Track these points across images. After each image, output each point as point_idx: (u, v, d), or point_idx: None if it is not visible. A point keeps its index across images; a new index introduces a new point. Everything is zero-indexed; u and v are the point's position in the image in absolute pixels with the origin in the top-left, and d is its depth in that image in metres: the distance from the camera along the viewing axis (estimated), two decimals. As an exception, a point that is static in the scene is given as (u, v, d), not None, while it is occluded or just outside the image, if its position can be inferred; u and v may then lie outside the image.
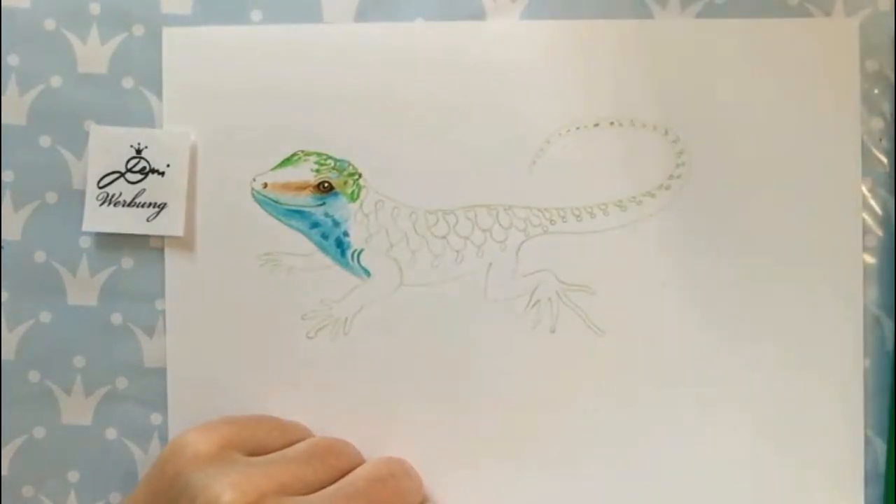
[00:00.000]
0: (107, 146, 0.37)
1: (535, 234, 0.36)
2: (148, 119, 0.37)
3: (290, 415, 0.36)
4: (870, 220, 0.35)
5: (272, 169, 0.37)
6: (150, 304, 0.37)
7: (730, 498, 0.35)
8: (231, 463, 0.30)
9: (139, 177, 0.37)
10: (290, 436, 0.34)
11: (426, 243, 0.36)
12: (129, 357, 0.37)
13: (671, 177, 0.36)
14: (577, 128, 0.36)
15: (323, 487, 0.31)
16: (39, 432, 0.38)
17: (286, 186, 0.36)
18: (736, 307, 0.35)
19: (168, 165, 0.37)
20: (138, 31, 0.37)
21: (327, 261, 0.36)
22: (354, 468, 0.33)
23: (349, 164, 0.36)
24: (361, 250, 0.36)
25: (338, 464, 0.32)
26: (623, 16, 0.36)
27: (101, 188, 0.37)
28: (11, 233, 0.38)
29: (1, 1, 0.37)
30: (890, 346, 0.35)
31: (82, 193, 0.37)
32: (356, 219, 0.36)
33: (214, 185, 0.37)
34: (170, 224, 0.37)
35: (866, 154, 0.35)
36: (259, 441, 0.33)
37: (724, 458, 0.35)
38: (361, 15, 0.37)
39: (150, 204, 0.37)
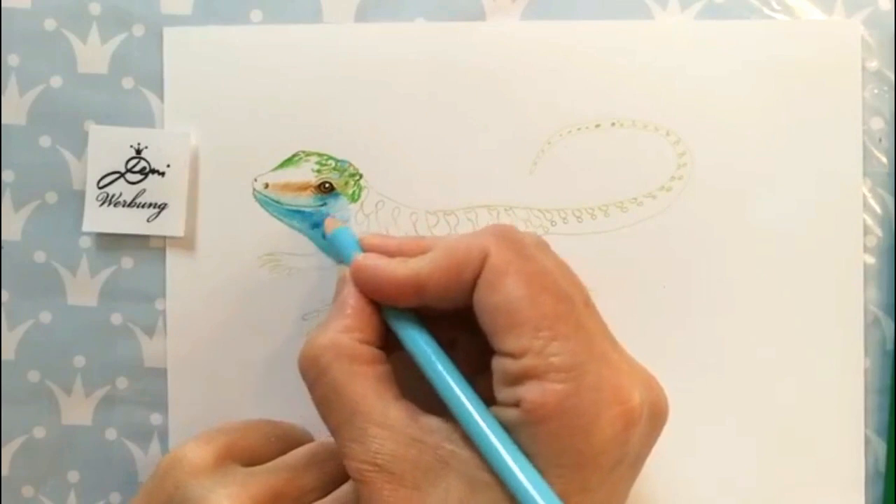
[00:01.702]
0: (107, 146, 0.37)
1: (536, 234, 0.36)
2: (148, 119, 0.37)
3: (290, 416, 0.36)
4: (870, 220, 0.35)
5: (273, 169, 0.37)
6: (150, 304, 0.37)
7: (730, 497, 0.35)
8: (229, 474, 0.31)
9: (139, 177, 0.37)
10: (289, 441, 0.34)
11: (427, 244, 0.36)
12: (129, 357, 0.37)
13: (672, 178, 0.36)
14: (579, 128, 0.36)
15: (323, 495, 0.31)
16: (39, 432, 0.38)
17: (287, 187, 0.36)
18: (736, 308, 0.35)
19: (168, 166, 0.36)
20: (138, 31, 0.37)
21: (328, 261, 0.36)
22: None
23: (350, 165, 0.36)
24: (362, 251, 0.36)
25: (337, 470, 0.32)
26: (623, 16, 0.36)
27: (100, 188, 0.37)
28: (11, 233, 0.38)
29: (1, 1, 0.37)
30: (890, 346, 0.35)
31: (82, 193, 0.37)
32: (357, 219, 0.36)
33: (215, 186, 0.37)
34: (170, 224, 0.36)
35: (866, 154, 0.35)
36: (257, 449, 0.33)
37: (725, 457, 0.35)
38: (361, 15, 0.37)
39: (150, 204, 0.37)
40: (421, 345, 0.29)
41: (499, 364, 0.27)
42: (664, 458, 0.35)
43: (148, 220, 0.37)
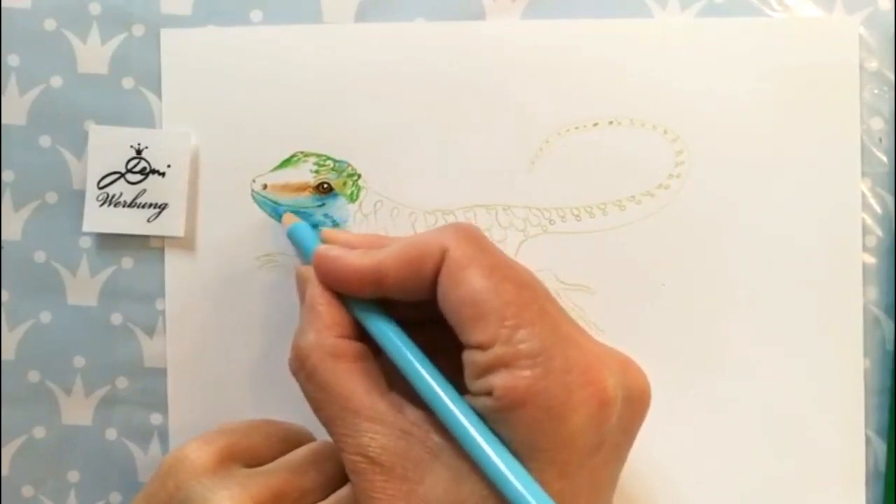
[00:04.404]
0: (107, 146, 0.37)
1: (535, 233, 0.36)
2: (148, 119, 0.37)
3: (290, 416, 0.36)
4: (870, 220, 0.35)
5: (272, 170, 0.37)
6: (150, 304, 0.37)
7: (730, 497, 0.35)
8: (230, 475, 0.31)
9: (139, 177, 0.37)
10: (290, 441, 0.34)
11: (426, 243, 0.36)
12: (129, 357, 0.37)
13: (670, 176, 0.36)
14: (577, 127, 0.36)
15: (324, 495, 0.31)
16: (39, 432, 0.38)
17: (286, 187, 0.36)
18: (735, 307, 0.35)
19: (168, 166, 0.37)
20: (138, 31, 0.37)
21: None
22: None
23: (348, 165, 0.36)
24: (361, 251, 0.36)
25: (338, 470, 0.32)
26: (623, 16, 0.36)
27: (101, 188, 0.37)
28: (11, 233, 0.38)
29: (1, 1, 0.37)
30: (890, 346, 0.35)
31: (82, 193, 0.37)
32: (355, 219, 0.36)
33: (215, 186, 0.37)
34: (170, 224, 0.37)
35: (866, 154, 0.35)
36: (258, 449, 0.33)
37: (725, 457, 0.35)
38: (361, 15, 0.37)
39: (150, 204, 0.37)
40: (389, 335, 0.30)
41: (468, 357, 0.28)
42: (662, 457, 0.35)
43: (148, 221, 0.37)
